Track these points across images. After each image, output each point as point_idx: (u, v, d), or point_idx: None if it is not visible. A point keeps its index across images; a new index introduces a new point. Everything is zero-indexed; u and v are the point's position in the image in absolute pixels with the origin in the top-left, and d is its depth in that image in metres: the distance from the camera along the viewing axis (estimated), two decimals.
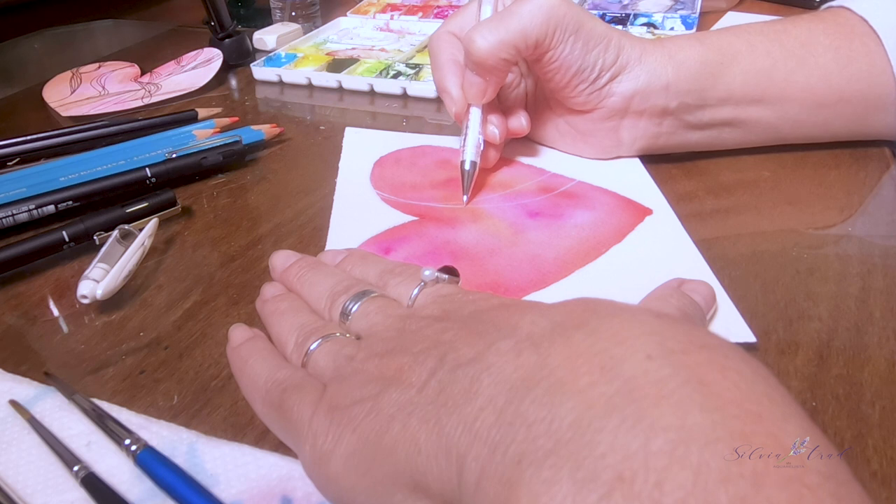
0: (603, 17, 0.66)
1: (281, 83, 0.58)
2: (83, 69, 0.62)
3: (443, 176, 0.42)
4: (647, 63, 0.39)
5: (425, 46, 0.63)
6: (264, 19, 0.71)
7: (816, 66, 0.40)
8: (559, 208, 0.38)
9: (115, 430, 0.24)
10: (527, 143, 0.45)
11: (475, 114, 0.40)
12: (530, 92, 0.44)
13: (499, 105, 0.42)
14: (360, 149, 0.46)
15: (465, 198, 0.39)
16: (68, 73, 0.61)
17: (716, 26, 0.67)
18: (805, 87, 0.40)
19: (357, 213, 0.39)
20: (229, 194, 0.42)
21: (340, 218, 0.38)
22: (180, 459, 0.24)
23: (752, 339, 0.28)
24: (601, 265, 0.33)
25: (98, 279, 0.31)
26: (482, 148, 0.40)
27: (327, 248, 0.36)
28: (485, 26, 0.37)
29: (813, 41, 0.40)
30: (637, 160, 0.42)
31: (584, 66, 0.38)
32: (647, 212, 0.37)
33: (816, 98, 0.40)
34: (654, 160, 0.42)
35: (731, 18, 0.70)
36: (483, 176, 0.41)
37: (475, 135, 0.39)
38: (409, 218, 0.38)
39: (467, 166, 0.39)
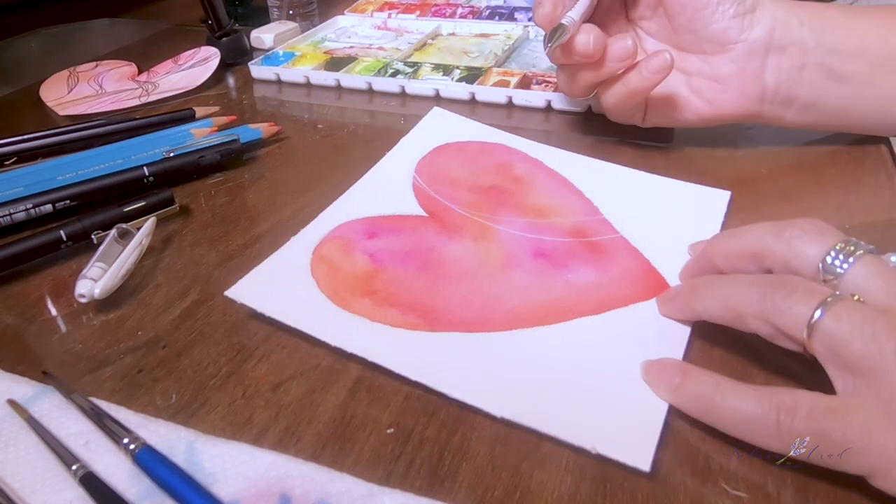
0: None
1: (279, 82, 0.58)
2: (80, 68, 0.62)
3: (490, 181, 0.40)
4: None
5: (423, 44, 0.63)
6: (262, 18, 0.71)
7: None
8: (569, 258, 0.34)
9: (113, 429, 0.24)
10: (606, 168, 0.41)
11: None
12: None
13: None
14: (433, 130, 0.44)
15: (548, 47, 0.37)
16: (65, 72, 0.61)
17: None
18: None
19: (380, 187, 0.38)
20: (227, 193, 0.42)
21: (363, 186, 0.39)
22: (179, 458, 0.24)
23: (646, 468, 0.23)
24: (549, 333, 0.29)
25: (96, 278, 0.31)
26: (577, 22, 0.37)
27: (325, 212, 0.36)
28: None
29: None
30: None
31: None
32: (664, 289, 0.32)
33: None
34: (652, 158, 0.43)
35: None
36: (528, 193, 0.39)
37: (581, 8, 0.37)
38: (419, 211, 0.37)
39: (565, 20, 0.36)
